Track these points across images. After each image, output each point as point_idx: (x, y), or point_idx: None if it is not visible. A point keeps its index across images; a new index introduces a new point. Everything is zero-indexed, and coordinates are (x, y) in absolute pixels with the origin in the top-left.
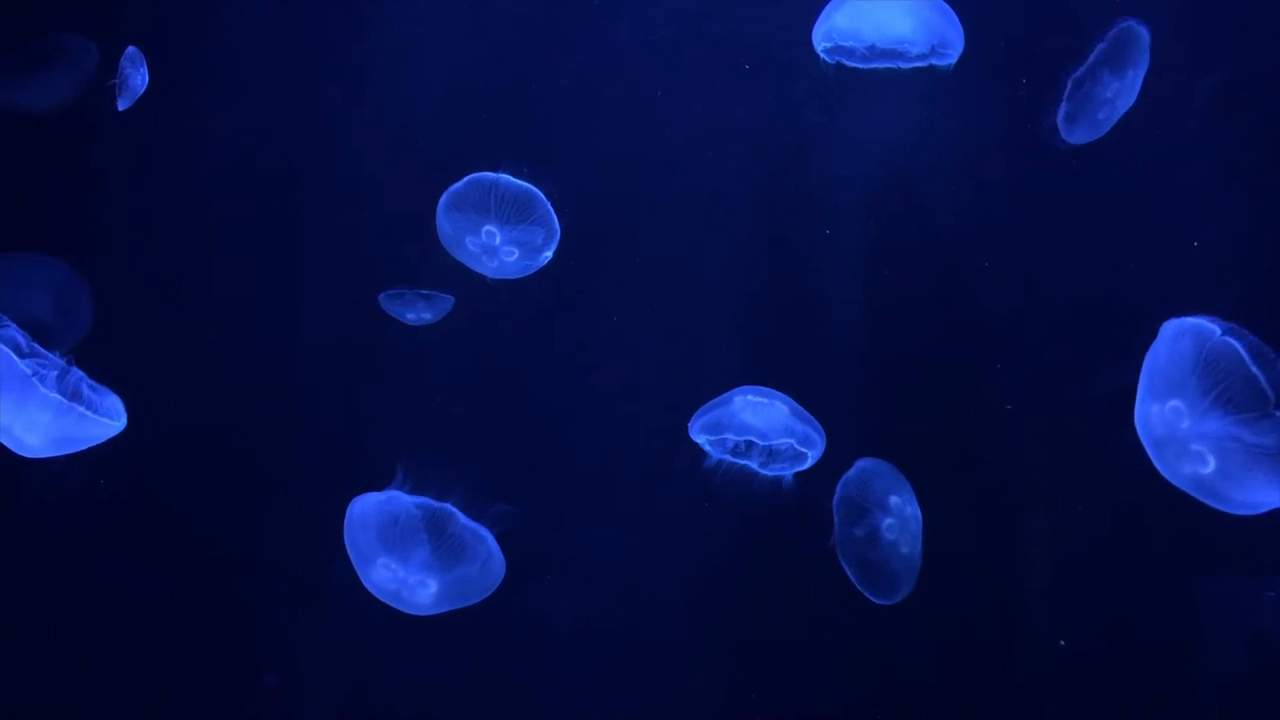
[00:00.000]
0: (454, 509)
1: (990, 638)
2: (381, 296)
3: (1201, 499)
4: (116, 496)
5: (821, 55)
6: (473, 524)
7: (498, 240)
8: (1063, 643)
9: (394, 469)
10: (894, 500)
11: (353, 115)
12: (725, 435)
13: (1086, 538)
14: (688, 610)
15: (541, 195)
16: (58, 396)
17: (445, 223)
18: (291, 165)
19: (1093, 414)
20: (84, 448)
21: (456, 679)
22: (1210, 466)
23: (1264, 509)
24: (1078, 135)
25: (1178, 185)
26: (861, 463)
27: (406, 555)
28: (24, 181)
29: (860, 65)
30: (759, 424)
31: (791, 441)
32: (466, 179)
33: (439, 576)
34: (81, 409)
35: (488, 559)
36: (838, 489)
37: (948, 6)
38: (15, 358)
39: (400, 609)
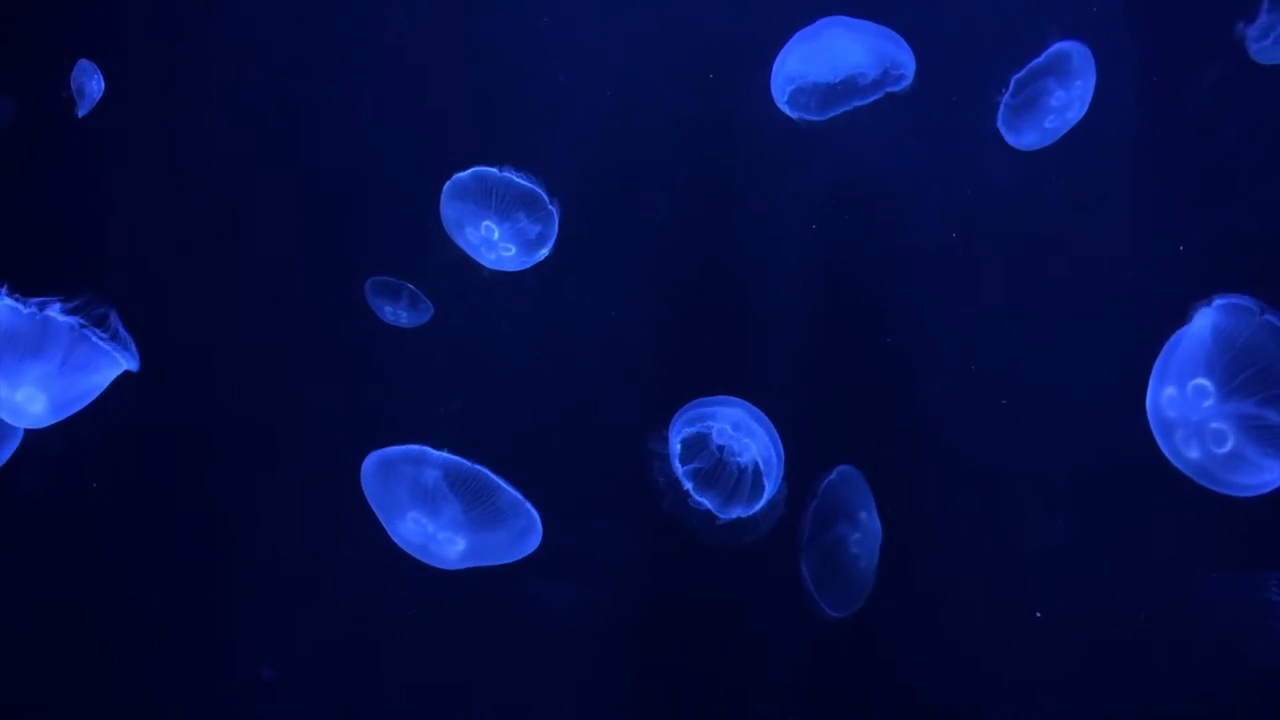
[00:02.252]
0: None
1: (984, 632)
2: (369, 282)
3: (1204, 483)
4: (106, 490)
5: (784, 109)
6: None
7: (496, 236)
8: (1039, 614)
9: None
10: (863, 515)
11: (347, 108)
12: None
13: (1079, 531)
14: (669, 601)
15: (544, 194)
16: (68, 321)
17: (448, 209)
18: (288, 160)
19: (1080, 411)
20: (83, 404)
21: (449, 675)
22: (1228, 445)
23: (1267, 489)
24: (1025, 140)
25: (1162, 188)
26: (837, 472)
27: (437, 511)
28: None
29: (819, 118)
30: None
31: (757, 460)
32: (471, 170)
33: (468, 536)
34: (92, 339)
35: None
36: (811, 501)
37: (892, 31)
38: (20, 308)
39: (428, 561)
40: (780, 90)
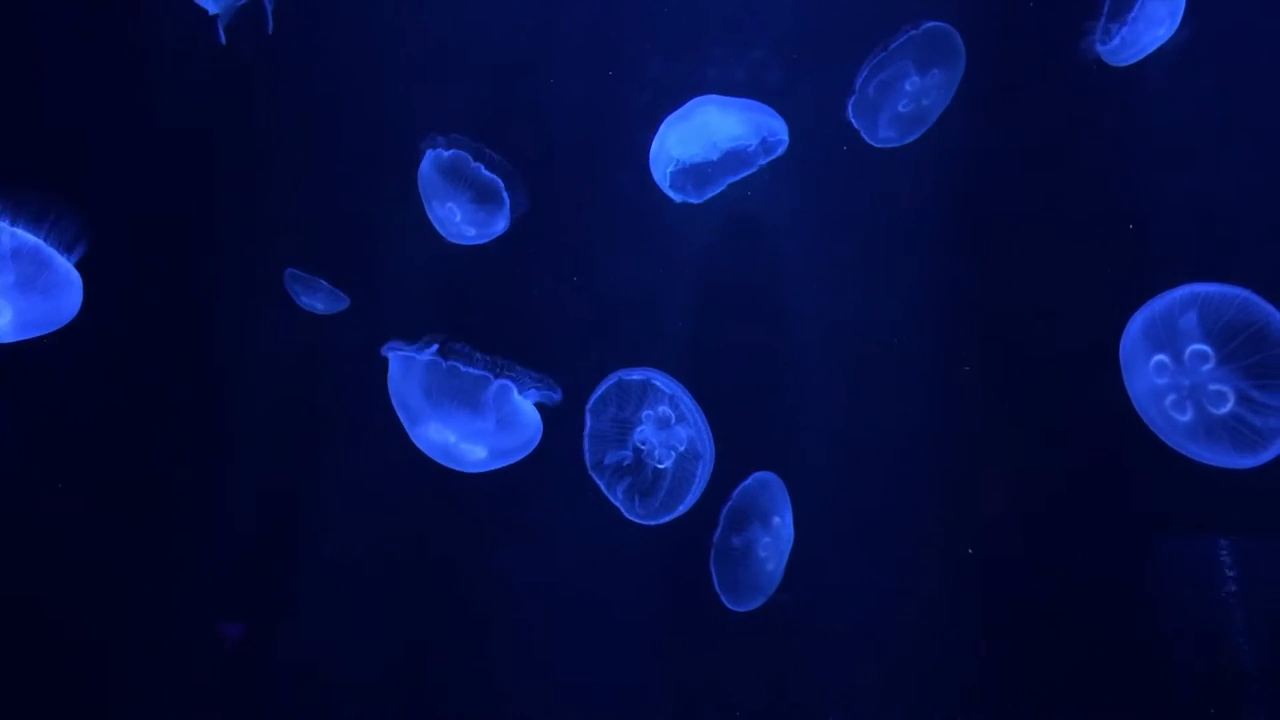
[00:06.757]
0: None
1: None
2: (287, 274)
3: (1191, 450)
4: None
5: (666, 191)
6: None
7: (457, 218)
8: (970, 550)
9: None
10: (776, 520)
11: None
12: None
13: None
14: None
15: (504, 187)
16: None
17: (430, 172)
18: (262, 129)
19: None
20: (46, 330)
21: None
22: (1229, 405)
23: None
24: (882, 129)
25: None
26: (756, 476)
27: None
28: None
29: (698, 199)
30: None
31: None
32: (451, 152)
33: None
34: (55, 259)
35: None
36: (730, 499)
37: (761, 103)
38: None
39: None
40: (663, 175)
